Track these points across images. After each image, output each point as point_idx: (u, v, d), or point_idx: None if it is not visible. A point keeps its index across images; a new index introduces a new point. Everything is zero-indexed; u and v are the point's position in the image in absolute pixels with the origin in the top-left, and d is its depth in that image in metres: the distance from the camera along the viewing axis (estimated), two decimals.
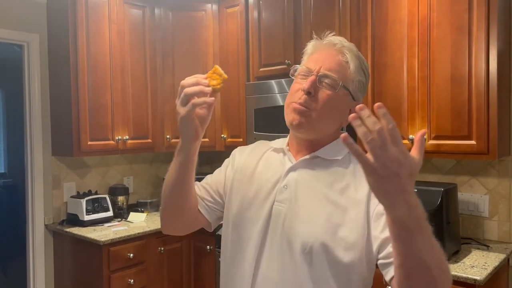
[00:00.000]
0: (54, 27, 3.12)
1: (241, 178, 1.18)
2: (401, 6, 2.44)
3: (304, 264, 1.01)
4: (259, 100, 3.07)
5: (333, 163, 1.10)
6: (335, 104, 1.08)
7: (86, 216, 3.04)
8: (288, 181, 1.10)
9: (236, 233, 1.13)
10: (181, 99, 1.00)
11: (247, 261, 1.08)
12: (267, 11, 3.13)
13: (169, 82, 3.50)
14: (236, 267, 1.11)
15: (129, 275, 2.89)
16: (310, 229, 1.02)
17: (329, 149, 1.12)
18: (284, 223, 1.06)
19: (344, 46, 1.10)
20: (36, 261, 3.12)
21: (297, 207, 1.06)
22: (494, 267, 2.09)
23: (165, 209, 1.18)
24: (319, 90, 1.06)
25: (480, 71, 2.19)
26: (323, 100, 1.06)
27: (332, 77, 1.06)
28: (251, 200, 1.12)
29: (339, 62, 1.08)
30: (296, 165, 1.12)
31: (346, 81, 1.08)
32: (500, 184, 2.49)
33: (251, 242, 1.08)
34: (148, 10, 3.42)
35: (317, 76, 1.06)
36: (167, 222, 1.21)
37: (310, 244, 1.01)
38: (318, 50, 1.12)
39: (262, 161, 1.19)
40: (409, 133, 2.42)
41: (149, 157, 3.83)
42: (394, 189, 0.74)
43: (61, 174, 3.25)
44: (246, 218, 1.11)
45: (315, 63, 1.08)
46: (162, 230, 1.24)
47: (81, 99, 2.98)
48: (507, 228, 2.48)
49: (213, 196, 1.21)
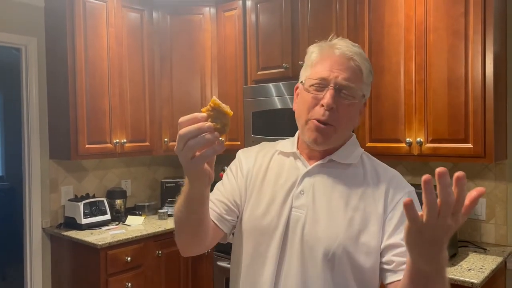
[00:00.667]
0: (52, 31, 3.12)
1: (252, 186, 1.15)
2: (398, 10, 2.45)
3: (326, 270, 1.01)
4: (257, 103, 3.08)
5: (349, 167, 1.10)
6: (354, 112, 1.08)
7: (83, 219, 3.03)
8: (304, 187, 1.08)
9: (251, 242, 1.10)
10: (184, 151, 0.81)
11: (267, 270, 1.06)
12: (265, 14, 3.14)
13: (167, 85, 3.51)
14: (256, 276, 1.08)
15: (126, 279, 2.88)
16: (333, 235, 1.01)
17: (344, 152, 1.11)
18: (304, 229, 1.04)
19: (354, 52, 1.07)
20: (33, 264, 3.11)
21: (317, 212, 1.05)
22: (491, 270, 2.09)
23: (182, 240, 1.10)
24: (339, 103, 1.04)
25: (477, 74, 2.20)
26: (344, 112, 1.05)
27: (352, 87, 1.05)
28: (266, 208, 1.10)
29: (353, 69, 1.05)
30: (311, 170, 1.10)
31: (362, 87, 1.08)
32: (497, 187, 2.50)
33: (271, 250, 1.06)
34: (146, 14, 3.43)
35: (335, 88, 1.03)
36: (187, 250, 1.13)
37: (333, 249, 1.00)
38: (328, 57, 1.07)
39: (272, 166, 1.16)
40: (406, 137, 2.43)
41: (147, 160, 3.83)
42: (434, 253, 0.75)
43: (58, 177, 3.25)
44: (263, 226, 1.08)
45: (329, 73, 1.04)
46: (182, 255, 1.15)
47: (79, 103, 2.98)
48: (504, 231, 2.48)
49: (230, 208, 1.15)
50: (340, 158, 1.10)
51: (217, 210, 1.14)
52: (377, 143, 2.54)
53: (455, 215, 0.69)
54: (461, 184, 0.68)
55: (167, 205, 3.54)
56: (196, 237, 1.07)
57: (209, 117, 0.82)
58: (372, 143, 2.55)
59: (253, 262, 1.09)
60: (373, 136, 2.57)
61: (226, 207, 1.15)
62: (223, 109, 0.83)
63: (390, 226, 1.02)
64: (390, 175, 1.10)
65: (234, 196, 1.16)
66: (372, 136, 2.57)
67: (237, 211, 1.16)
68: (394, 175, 1.11)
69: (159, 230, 3.07)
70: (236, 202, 1.16)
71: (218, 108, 0.83)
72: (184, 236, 1.08)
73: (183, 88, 3.52)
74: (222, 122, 0.83)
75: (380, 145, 2.52)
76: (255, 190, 1.14)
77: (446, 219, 0.69)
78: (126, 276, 2.88)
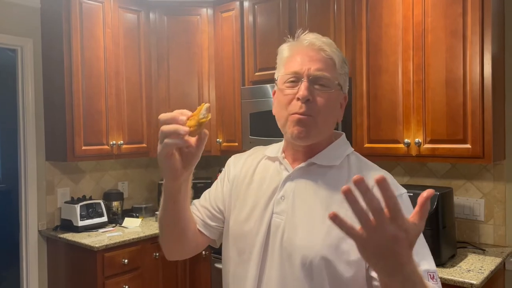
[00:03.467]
0: (48, 32, 3.10)
1: (237, 191, 1.14)
2: (396, 11, 2.44)
3: (305, 279, 0.97)
4: (254, 104, 3.07)
5: (331, 169, 1.06)
6: (333, 103, 1.05)
7: (80, 221, 3.01)
8: (285, 192, 1.05)
9: (236, 247, 1.09)
10: (159, 135, 0.89)
11: (250, 277, 1.04)
12: (262, 15, 3.13)
13: (164, 86, 3.49)
14: (240, 281, 1.07)
15: (124, 281, 2.86)
16: (310, 243, 0.98)
17: (326, 154, 1.08)
18: (283, 236, 1.01)
19: (323, 42, 1.05)
20: (29, 267, 3.09)
21: (295, 219, 1.02)
22: (491, 271, 2.09)
23: (165, 242, 1.13)
24: (315, 93, 1.02)
25: (475, 75, 2.19)
26: (322, 103, 1.02)
27: (326, 77, 1.02)
28: (249, 213, 1.08)
29: (324, 59, 1.03)
30: (292, 174, 1.07)
31: (337, 77, 1.05)
32: (495, 188, 2.50)
33: (253, 257, 1.04)
34: (143, 14, 3.41)
35: (308, 79, 1.01)
36: (169, 252, 1.16)
37: (311, 258, 0.96)
38: (297, 51, 1.06)
39: (257, 172, 1.14)
40: (404, 137, 2.42)
41: (144, 162, 3.81)
42: (391, 265, 0.69)
43: (55, 179, 3.22)
44: (245, 232, 1.07)
45: (300, 66, 1.02)
46: (167, 258, 1.19)
47: (75, 104, 2.97)
48: (503, 232, 2.48)
49: (213, 214, 1.16)
50: (321, 160, 1.06)
51: (200, 216, 1.17)
52: (375, 144, 2.53)
53: (396, 221, 0.65)
54: (383, 186, 0.64)
55: None
56: (178, 239, 1.10)
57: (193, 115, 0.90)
58: (370, 144, 2.55)
59: (239, 268, 1.08)
60: (371, 137, 2.56)
61: (209, 213, 1.16)
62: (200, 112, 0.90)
63: None
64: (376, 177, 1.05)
65: (217, 202, 1.16)
66: (370, 137, 2.56)
67: (221, 217, 1.16)
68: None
69: (157, 232, 3.05)
70: (219, 208, 1.16)
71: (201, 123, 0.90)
72: (164, 237, 1.12)
73: (180, 89, 3.50)
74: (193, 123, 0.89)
75: (378, 146, 2.51)
76: (241, 196, 1.12)
77: (384, 227, 0.65)
78: (123, 279, 2.86)
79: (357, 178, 0.63)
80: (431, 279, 0.91)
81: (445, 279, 2.01)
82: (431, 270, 0.93)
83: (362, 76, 2.58)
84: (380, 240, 0.66)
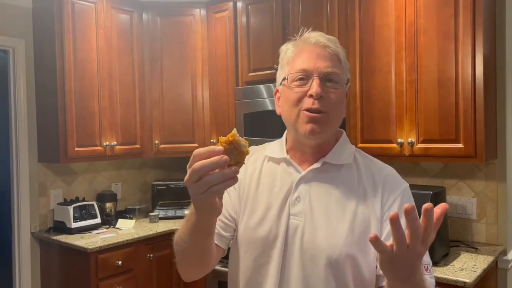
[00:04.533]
0: (40, 33, 3.08)
1: (246, 196, 1.11)
2: (389, 12, 2.46)
3: (329, 277, 0.99)
4: (248, 105, 3.07)
5: (342, 167, 1.07)
6: (342, 99, 1.07)
7: (73, 223, 2.99)
8: (300, 193, 1.05)
9: (250, 253, 1.06)
10: (199, 185, 0.78)
11: (270, 281, 1.03)
12: (256, 16, 3.13)
13: (157, 87, 3.48)
14: (257, 286, 1.05)
15: (117, 283, 2.85)
16: (334, 242, 0.99)
17: (336, 152, 1.08)
18: (303, 237, 1.01)
19: (329, 39, 1.06)
20: (22, 269, 3.06)
21: (315, 219, 1.02)
22: (483, 270, 2.11)
23: (186, 269, 1.08)
24: (327, 90, 1.02)
25: (467, 75, 2.21)
26: (334, 99, 1.03)
27: (336, 73, 1.03)
28: (262, 217, 1.06)
29: (331, 56, 1.04)
30: (306, 175, 1.06)
31: (344, 73, 1.06)
32: (487, 187, 2.52)
33: (273, 260, 1.03)
34: (136, 15, 3.40)
35: (319, 77, 1.01)
36: (190, 276, 1.11)
37: (336, 257, 0.98)
38: (303, 49, 1.06)
39: (264, 174, 1.12)
40: (397, 137, 2.44)
41: (138, 163, 3.80)
42: (407, 274, 0.77)
43: (47, 181, 3.20)
44: (261, 236, 1.05)
45: (309, 63, 1.03)
46: (185, 280, 1.13)
47: (68, 105, 2.95)
48: (495, 230, 2.50)
49: (227, 224, 1.12)
50: (334, 159, 1.07)
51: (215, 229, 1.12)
52: (369, 143, 2.54)
53: (425, 244, 0.73)
54: (428, 216, 0.70)
55: (158, 208, 3.51)
56: (202, 264, 1.05)
57: (225, 150, 0.80)
58: (364, 144, 2.56)
59: (254, 274, 1.06)
60: (365, 136, 2.57)
61: (222, 224, 1.11)
62: (240, 147, 0.81)
63: (386, 228, 1.00)
64: (384, 174, 1.08)
65: (229, 211, 1.12)
66: (364, 137, 2.57)
67: (233, 225, 1.13)
68: (389, 173, 1.09)
69: (150, 234, 3.04)
70: (232, 217, 1.12)
71: (236, 144, 0.81)
72: (188, 265, 1.06)
73: (173, 89, 3.49)
74: (236, 159, 0.81)
75: (371, 145, 2.52)
76: (250, 200, 1.10)
77: (415, 248, 0.72)
78: (117, 281, 2.85)
79: (409, 207, 0.69)
80: (425, 271, 0.95)
81: (439, 278, 2.03)
82: (425, 262, 0.97)
83: (355, 77, 2.59)
84: (407, 259, 0.74)
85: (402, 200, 1.03)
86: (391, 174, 1.09)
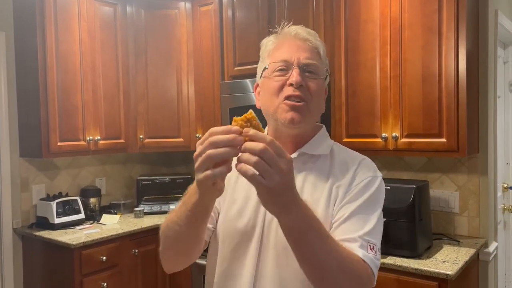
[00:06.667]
0: (21, 24, 3.01)
1: (226, 188, 1.08)
2: (373, 7, 2.47)
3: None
4: (234, 99, 3.06)
5: (319, 158, 1.08)
6: (322, 90, 1.09)
7: (56, 219, 2.95)
8: None
9: (228, 245, 1.07)
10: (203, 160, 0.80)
11: (246, 272, 1.03)
12: (241, 9, 3.11)
13: (142, 81, 3.45)
14: (234, 279, 1.05)
15: (102, 279, 2.82)
16: None
17: (315, 144, 1.10)
18: (277, 228, 1.00)
19: (309, 32, 1.09)
20: (4, 266, 3.01)
21: None
22: (465, 262, 2.14)
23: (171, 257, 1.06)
24: (306, 80, 1.04)
25: (450, 70, 2.24)
26: (313, 89, 1.05)
27: (315, 65, 1.06)
28: (241, 208, 1.07)
29: (311, 49, 1.07)
30: None
31: (324, 65, 1.09)
32: (469, 180, 2.56)
33: (250, 251, 1.04)
34: (119, 7, 3.35)
35: (299, 67, 1.04)
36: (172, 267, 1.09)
37: None
38: (283, 41, 1.08)
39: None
40: (382, 132, 2.46)
41: (122, 158, 3.76)
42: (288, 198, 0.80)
43: (29, 176, 3.15)
44: (240, 228, 1.06)
45: (289, 54, 1.05)
46: (167, 272, 1.11)
47: (50, 99, 2.90)
48: (477, 223, 2.55)
49: (211, 216, 1.10)
50: (310, 150, 1.09)
51: None
52: (354, 138, 2.56)
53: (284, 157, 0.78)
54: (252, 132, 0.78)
55: (143, 203, 3.48)
56: (190, 251, 1.04)
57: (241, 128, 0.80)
58: (348, 139, 2.57)
59: (231, 265, 1.06)
60: (350, 131, 2.59)
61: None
62: (258, 124, 0.82)
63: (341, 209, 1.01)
64: (358, 160, 1.09)
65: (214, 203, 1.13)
66: (349, 132, 2.59)
67: (216, 217, 1.13)
68: (363, 158, 1.11)
69: (135, 229, 3.02)
70: (216, 208, 1.13)
71: (254, 120, 0.82)
72: (176, 253, 1.04)
73: (158, 83, 3.46)
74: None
75: (356, 140, 2.54)
76: (229, 192, 1.11)
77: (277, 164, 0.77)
78: (101, 276, 2.82)
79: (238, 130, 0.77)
80: (371, 250, 0.96)
81: (421, 270, 2.06)
82: (372, 242, 0.97)
83: (340, 73, 2.60)
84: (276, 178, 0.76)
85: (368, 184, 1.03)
86: (365, 160, 1.11)
